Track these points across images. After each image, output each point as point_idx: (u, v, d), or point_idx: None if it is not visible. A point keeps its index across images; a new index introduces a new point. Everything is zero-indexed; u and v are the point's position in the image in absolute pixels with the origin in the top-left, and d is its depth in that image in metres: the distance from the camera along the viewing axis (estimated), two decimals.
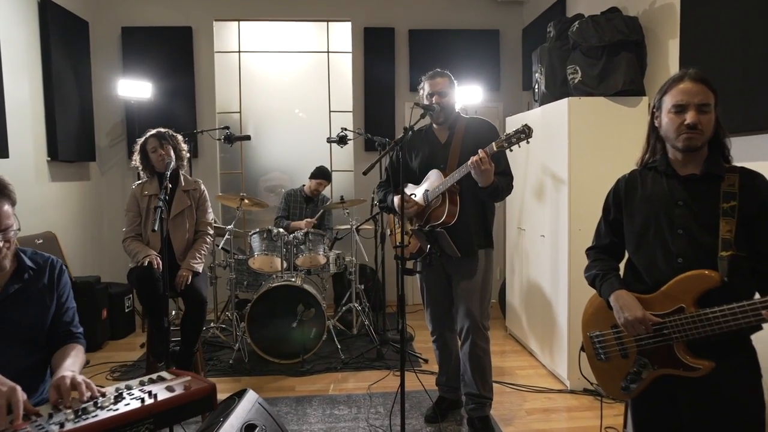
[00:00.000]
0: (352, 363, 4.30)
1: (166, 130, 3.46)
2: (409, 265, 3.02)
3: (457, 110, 3.10)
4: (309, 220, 5.17)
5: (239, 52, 6.13)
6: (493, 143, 2.67)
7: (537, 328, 4.31)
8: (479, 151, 2.70)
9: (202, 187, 3.55)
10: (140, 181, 3.47)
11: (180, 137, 3.51)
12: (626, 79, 3.54)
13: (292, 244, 4.58)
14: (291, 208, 5.39)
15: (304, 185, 5.41)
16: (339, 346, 4.43)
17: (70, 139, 5.11)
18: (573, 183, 3.65)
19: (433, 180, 2.98)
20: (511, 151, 2.68)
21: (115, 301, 5.05)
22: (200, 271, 3.32)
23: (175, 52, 5.82)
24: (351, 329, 4.97)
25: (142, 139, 3.48)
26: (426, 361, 4.34)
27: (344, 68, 6.17)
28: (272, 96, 6.24)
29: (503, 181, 2.91)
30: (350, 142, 5.42)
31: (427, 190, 2.99)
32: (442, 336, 3.28)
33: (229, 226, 4.58)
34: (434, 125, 3.10)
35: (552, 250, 3.96)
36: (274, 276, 4.55)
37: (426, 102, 3.02)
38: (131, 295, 5.28)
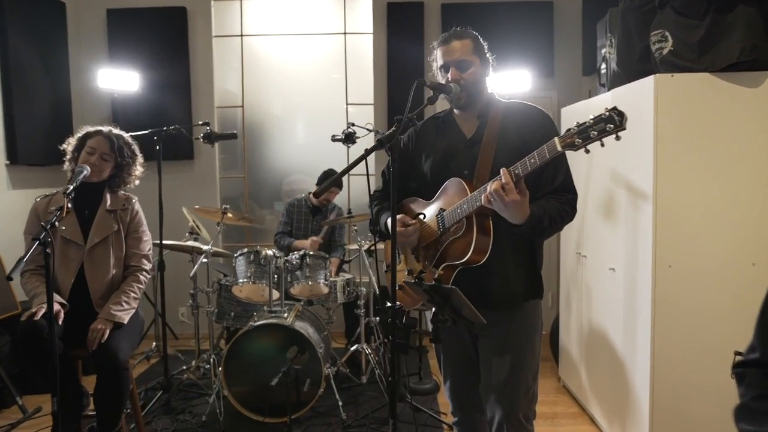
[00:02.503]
0: (357, 425, 3.33)
1: (129, 141, 2.64)
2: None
3: (489, 90, 2.07)
4: (314, 239, 4.23)
5: (242, 35, 5.25)
6: (556, 139, 1.64)
7: (602, 389, 3.20)
8: (502, 171, 1.70)
9: (136, 206, 2.67)
10: (48, 194, 2.61)
11: (139, 158, 2.66)
12: (745, 45, 2.40)
13: (284, 270, 3.63)
14: (295, 222, 4.46)
15: (310, 192, 4.48)
16: (340, 402, 3.46)
17: (37, 140, 4.35)
18: (661, 199, 2.54)
19: (451, 194, 1.95)
20: (587, 151, 1.62)
21: None
22: (125, 322, 2.43)
23: (167, 37, 5.02)
24: (360, 376, 3.99)
25: (83, 133, 2.65)
26: (451, 428, 3.30)
27: (364, 52, 5.19)
28: (281, 87, 5.34)
29: (557, 205, 1.88)
30: (368, 140, 4.42)
31: (442, 210, 1.97)
32: (469, 419, 2.24)
33: (206, 247, 3.68)
34: (455, 111, 2.08)
35: (626, 291, 2.85)
36: (264, 308, 3.63)
37: (441, 79, 2.01)
38: None
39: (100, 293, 2.45)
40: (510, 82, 4.40)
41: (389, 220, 1.97)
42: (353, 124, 3.73)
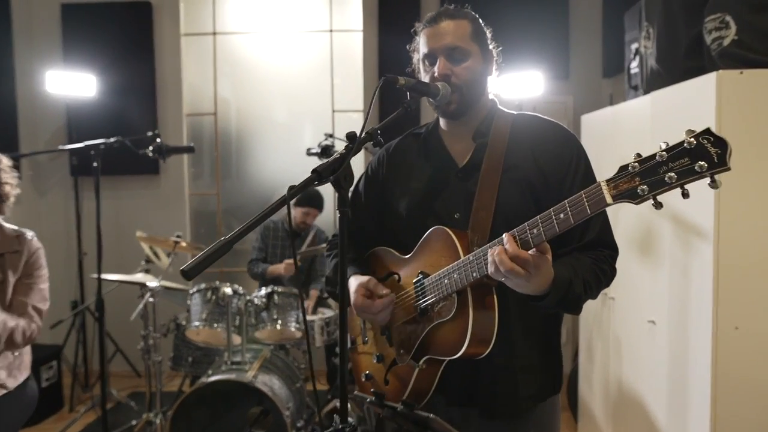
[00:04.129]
0: None
1: None
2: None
3: (491, 96, 1.45)
4: (289, 262, 3.61)
5: (214, 33, 4.65)
6: (603, 186, 1.03)
7: None
8: (504, 237, 1.12)
9: (33, 244, 2.07)
10: None
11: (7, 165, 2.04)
12: None
13: (245, 312, 3.01)
14: (270, 248, 3.84)
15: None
16: None
17: None
18: (725, 238, 1.90)
19: (436, 250, 1.32)
20: (657, 206, 1.00)
21: None
22: (11, 388, 1.86)
23: (130, 36, 4.44)
24: None
25: None
26: None
27: (353, 52, 4.58)
28: (260, 92, 4.74)
29: (590, 263, 1.29)
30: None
31: (422, 274, 1.33)
32: None
33: (153, 284, 3.07)
34: (442, 122, 1.46)
35: (673, 352, 2.21)
36: (225, 358, 3.00)
37: (424, 76, 1.40)
38: (53, 364, 3.87)
39: None
40: (517, 85, 3.78)
41: (353, 282, 1.35)
42: (331, 136, 3.12)
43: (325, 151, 3.07)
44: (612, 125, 2.86)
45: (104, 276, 3.03)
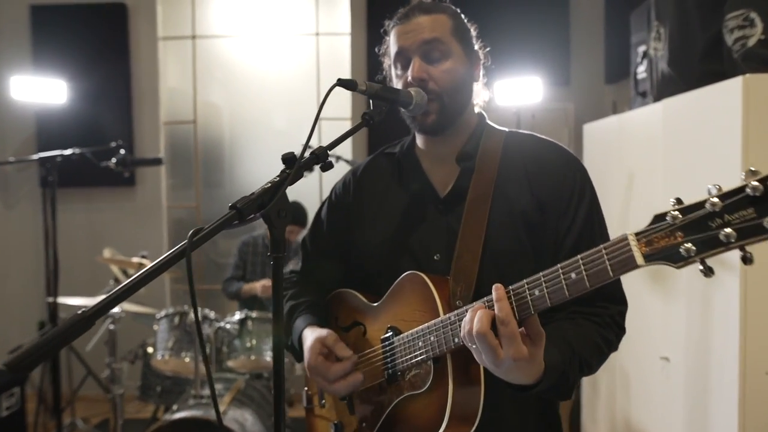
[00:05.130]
0: None
1: None
2: None
3: (477, 109, 1.20)
4: (265, 282, 3.34)
5: (193, 37, 4.40)
6: (632, 240, 0.78)
7: None
8: (494, 289, 0.86)
9: None
10: None
11: None
12: None
13: (216, 342, 2.74)
14: (249, 265, 3.58)
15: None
16: None
17: None
18: (754, 270, 1.64)
19: (410, 302, 1.07)
20: (707, 273, 0.74)
21: None
22: None
23: (104, 39, 4.20)
24: None
25: None
26: None
27: (340, 56, 4.33)
28: (242, 99, 4.48)
29: (593, 332, 1.03)
30: (336, 164, 3.53)
31: (392, 331, 1.07)
32: None
33: (115, 311, 2.80)
34: (419, 140, 1.20)
35: (690, 394, 1.94)
36: (194, 392, 2.72)
37: (396, 83, 1.15)
38: (16, 390, 3.60)
39: None
40: (514, 91, 3.52)
41: (308, 337, 1.10)
42: (310, 146, 2.85)
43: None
44: (618, 135, 2.60)
45: (63, 300, 2.76)
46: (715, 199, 0.70)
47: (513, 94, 3.54)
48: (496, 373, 0.87)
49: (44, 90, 3.79)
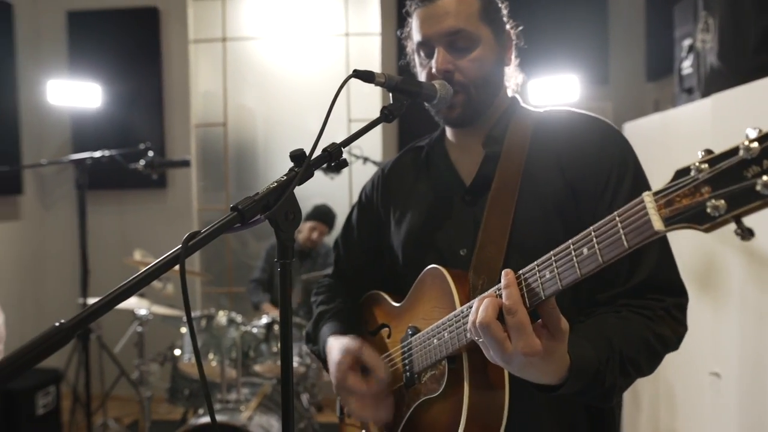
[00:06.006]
0: None
1: None
2: None
3: (510, 93, 1.11)
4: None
5: (224, 40, 4.40)
6: (647, 199, 0.64)
7: None
8: (503, 275, 0.76)
9: None
10: None
11: None
12: None
13: (241, 345, 2.70)
14: (275, 268, 3.53)
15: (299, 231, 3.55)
16: None
17: None
18: None
19: (430, 299, 0.99)
20: (744, 236, 0.61)
21: (17, 401, 3.43)
22: None
23: (137, 43, 4.24)
24: None
25: None
26: None
27: (371, 56, 4.27)
28: (272, 100, 4.47)
29: (641, 326, 0.89)
30: (365, 168, 3.46)
31: (411, 331, 0.99)
32: None
33: (142, 311, 2.79)
34: (448, 131, 1.13)
35: (745, 413, 1.79)
36: (220, 396, 2.69)
37: (420, 72, 1.07)
38: (52, 389, 3.65)
39: None
40: (551, 90, 3.41)
41: (335, 350, 1.03)
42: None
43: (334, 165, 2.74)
44: (661, 134, 2.45)
45: (93, 302, 2.77)
46: (752, 143, 0.56)
47: (549, 93, 3.43)
48: (509, 370, 0.78)
49: (80, 94, 3.86)
